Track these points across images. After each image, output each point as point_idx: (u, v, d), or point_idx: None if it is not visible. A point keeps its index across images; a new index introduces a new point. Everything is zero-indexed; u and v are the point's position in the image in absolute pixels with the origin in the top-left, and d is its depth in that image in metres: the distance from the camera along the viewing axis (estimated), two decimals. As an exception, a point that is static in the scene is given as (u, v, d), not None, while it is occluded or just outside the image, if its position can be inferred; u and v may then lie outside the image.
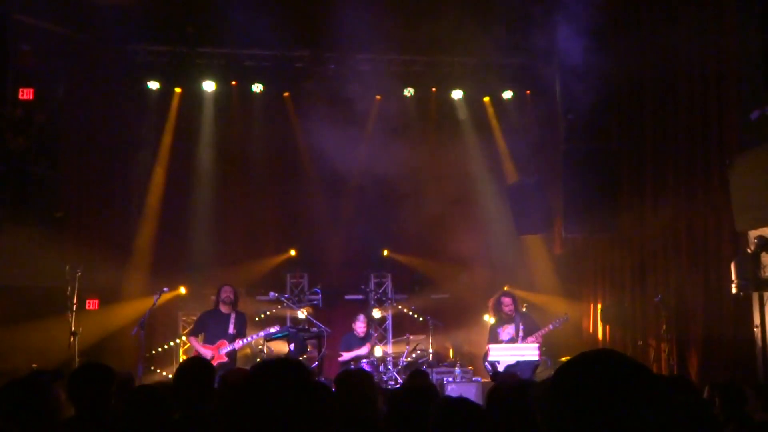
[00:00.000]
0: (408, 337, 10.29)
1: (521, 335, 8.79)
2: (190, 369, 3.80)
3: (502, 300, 9.01)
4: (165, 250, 11.32)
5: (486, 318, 10.08)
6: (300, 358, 8.56)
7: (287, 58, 11.51)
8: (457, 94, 12.12)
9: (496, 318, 9.15)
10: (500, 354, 8.75)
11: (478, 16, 10.35)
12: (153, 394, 3.56)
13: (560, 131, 10.51)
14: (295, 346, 8.69)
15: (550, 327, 8.81)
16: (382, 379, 9.19)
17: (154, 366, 10.70)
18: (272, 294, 9.81)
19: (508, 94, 12.16)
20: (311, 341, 9.26)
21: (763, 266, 6.95)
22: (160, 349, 10.86)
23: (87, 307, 9.64)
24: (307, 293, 11.47)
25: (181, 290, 10.57)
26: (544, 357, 8.89)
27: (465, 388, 8.95)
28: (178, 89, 11.70)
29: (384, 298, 11.76)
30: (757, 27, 6.92)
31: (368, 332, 9.76)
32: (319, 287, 10.63)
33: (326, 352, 9.10)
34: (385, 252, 12.26)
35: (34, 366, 7.75)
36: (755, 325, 7.22)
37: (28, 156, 9.08)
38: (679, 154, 8.71)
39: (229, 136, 11.94)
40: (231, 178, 12.06)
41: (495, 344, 8.89)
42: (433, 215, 11.82)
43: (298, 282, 11.92)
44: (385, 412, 3.81)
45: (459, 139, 12.31)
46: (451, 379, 9.33)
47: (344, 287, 11.88)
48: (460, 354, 10.77)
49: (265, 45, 11.10)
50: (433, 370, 9.45)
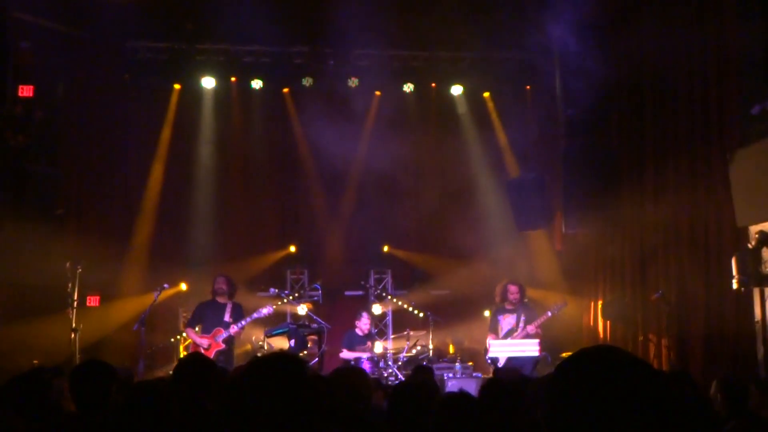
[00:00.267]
0: (408, 333, 10.28)
1: (521, 326, 8.86)
2: (190, 365, 3.81)
3: (508, 287, 9.09)
4: (165, 246, 11.32)
5: (486, 314, 10.09)
6: (300, 354, 8.56)
7: (286, 54, 11.50)
8: (456, 90, 12.07)
9: (499, 303, 9.20)
10: (500, 350, 8.79)
11: (477, 11, 10.34)
12: (153, 390, 3.56)
13: (560, 127, 10.50)
14: (296, 342, 8.70)
15: (548, 314, 8.89)
16: (382, 375, 9.18)
17: (154, 362, 10.69)
18: (272, 290, 9.82)
19: (507, 90, 12.13)
20: (311, 337, 9.27)
21: (764, 261, 6.94)
22: (161, 345, 10.85)
23: (88, 304, 9.65)
24: (307, 289, 11.47)
25: (182, 286, 10.57)
26: (544, 353, 8.90)
27: (465, 383, 8.93)
28: (177, 85, 11.69)
29: (384, 293, 11.75)
30: (757, 21, 6.91)
31: (371, 330, 9.77)
32: (319, 283, 10.62)
33: (326, 348, 9.11)
34: (385, 248, 12.25)
35: (35, 363, 7.76)
36: (756, 320, 7.23)
37: (28, 153, 9.09)
38: (680, 150, 8.69)
39: (228, 132, 11.94)
40: (231, 174, 12.06)
41: (495, 338, 8.95)
42: (433, 211, 11.82)
43: (298, 278, 11.94)
44: (384, 407, 3.81)
45: (459, 135, 12.29)
46: (451, 375, 9.32)
47: (344, 283, 11.88)
48: (460, 350, 10.75)
49: (264, 41, 11.09)
50: (434, 366, 9.44)
